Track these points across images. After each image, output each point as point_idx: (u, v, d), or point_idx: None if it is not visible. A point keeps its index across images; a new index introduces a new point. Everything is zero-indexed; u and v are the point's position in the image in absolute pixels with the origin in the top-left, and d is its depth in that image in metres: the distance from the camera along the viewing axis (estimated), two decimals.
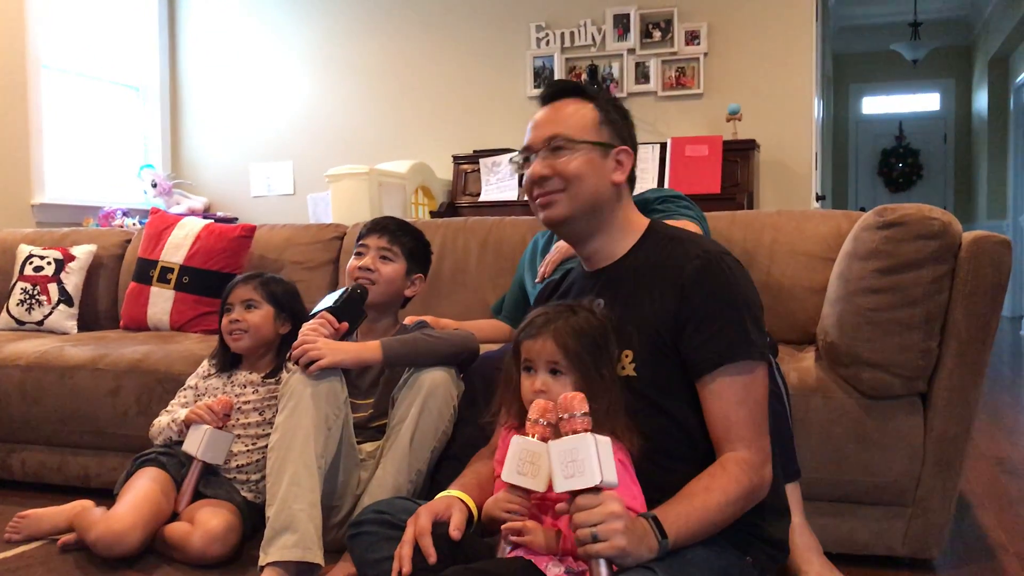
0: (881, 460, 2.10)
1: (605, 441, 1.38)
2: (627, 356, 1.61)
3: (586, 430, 1.38)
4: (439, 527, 1.55)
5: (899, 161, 10.39)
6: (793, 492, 2.03)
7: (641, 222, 1.76)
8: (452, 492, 1.65)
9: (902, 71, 9.88)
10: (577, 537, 1.36)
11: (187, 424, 2.36)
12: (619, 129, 1.74)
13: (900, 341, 2.04)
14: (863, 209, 2.52)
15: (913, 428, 2.09)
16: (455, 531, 1.54)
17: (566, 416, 1.41)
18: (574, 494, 1.37)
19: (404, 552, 1.52)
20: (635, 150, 1.76)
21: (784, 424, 2.04)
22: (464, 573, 1.43)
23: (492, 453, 1.75)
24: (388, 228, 2.41)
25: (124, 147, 6.05)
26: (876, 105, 10.61)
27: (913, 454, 2.09)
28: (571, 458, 1.36)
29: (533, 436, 1.46)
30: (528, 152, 1.74)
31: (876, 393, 2.10)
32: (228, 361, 2.52)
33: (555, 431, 1.45)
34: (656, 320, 1.60)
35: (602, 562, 1.34)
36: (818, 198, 5.46)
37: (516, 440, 1.47)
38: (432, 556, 1.50)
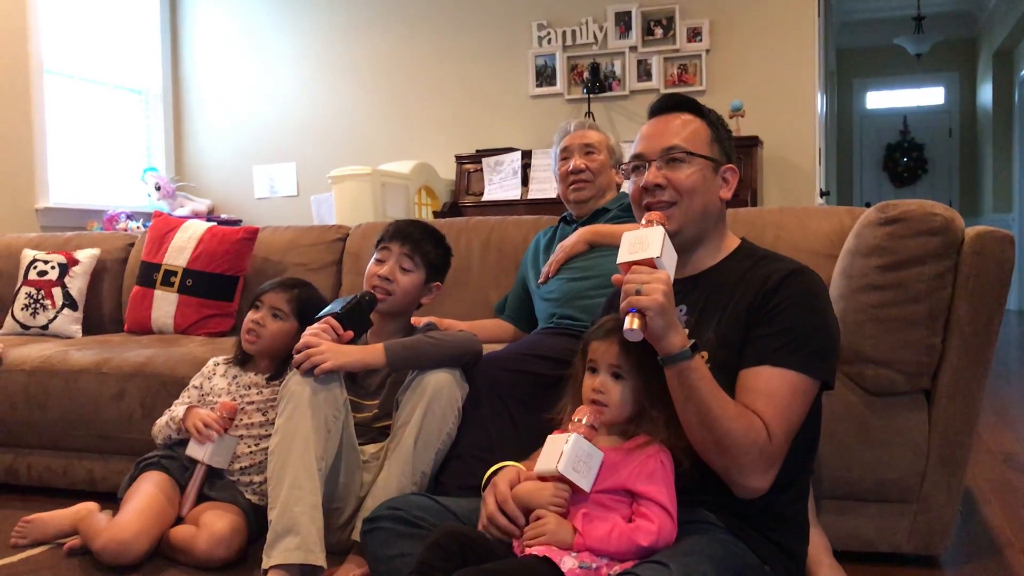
0: (885, 457, 2.09)
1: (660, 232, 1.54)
2: (703, 357, 1.62)
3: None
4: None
5: (904, 155, 10.36)
6: None
7: (734, 240, 1.81)
8: (515, 464, 1.71)
9: (906, 65, 9.85)
10: (624, 293, 1.48)
11: (187, 427, 2.35)
12: (726, 147, 1.78)
13: (903, 338, 2.04)
14: (868, 204, 2.51)
15: (917, 425, 2.08)
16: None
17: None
18: (631, 266, 1.51)
19: (500, 521, 1.59)
20: (735, 162, 1.80)
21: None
22: (476, 574, 1.44)
23: None
24: (411, 236, 2.37)
25: (127, 150, 6.06)
26: (880, 100, 10.58)
27: (917, 451, 2.08)
28: (640, 239, 1.54)
29: (579, 434, 1.54)
30: (640, 160, 1.75)
31: (880, 390, 2.09)
32: (243, 357, 2.53)
33: (595, 432, 1.56)
34: (732, 322, 1.63)
35: (636, 319, 1.46)
36: (822, 194, 5.44)
37: (575, 438, 1.53)
38: (520, 518, 1.58)
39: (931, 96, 10.38)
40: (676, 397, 1.55)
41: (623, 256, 1.54)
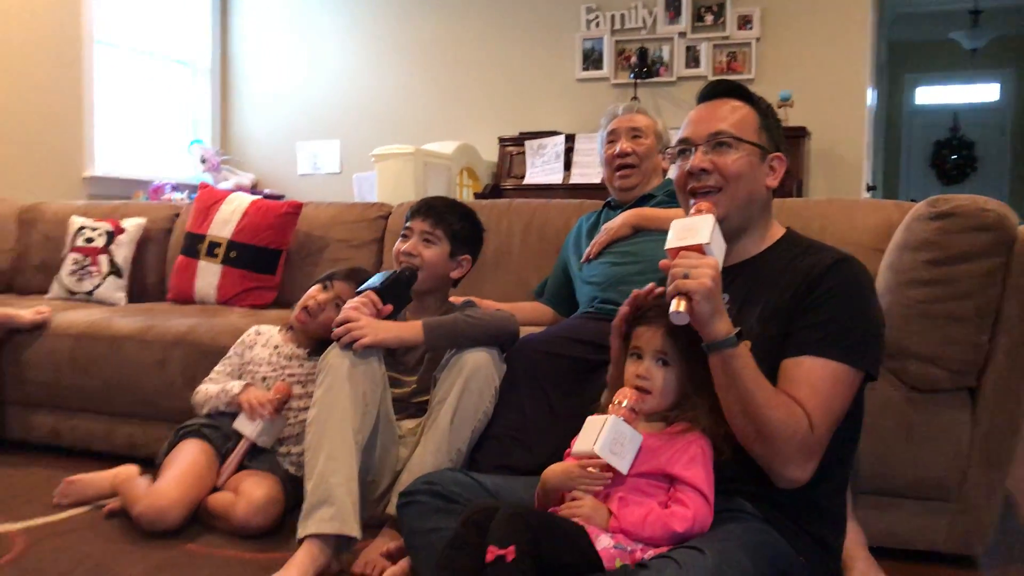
0: (926, 454, 2.07)
1: (710, 219, 1.55)
2: (745, 346, 1.61)
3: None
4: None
5: (953, 153, 10.17)
6: None
7: (779, 229, 1.78)
8: None
9: (960, 60, 9.64)
10: (671, 277, 1.49)
11: (240, 402, 2.38)
12: (775, 136, 1.76)
13: (949, 334, 2.01)
14: (914, 200, 2.47)
15: (960, 423, 2.05)
16: None
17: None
18: (679, 252, 1.52)
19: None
20: (783, 150, 1.78)
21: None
22: (524, 512, 1.46)
23: None
24: (433, 210, 2.39)
25: (174, 122, 6.13)
26: (930, 95, 10.38)
27: (959, 449, 2.05)
28: (689, 226, 1.55)
29: (617, 416, 1.53)
30: (686, 145, 1.74)
31: (923, 386, 2.06)
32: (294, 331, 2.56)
33: (636, 416, 1.55)
34: (775, 312, 1.62)
35: (683, 302, 1.46)
36: (869, 188, 5.37)
37: (613, 419, 1.52)
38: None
39: (985, 93, 10.16)
40: (719, 384, 1.54)
41: (671, 242, 1.54)
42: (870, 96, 5.35)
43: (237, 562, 2.05)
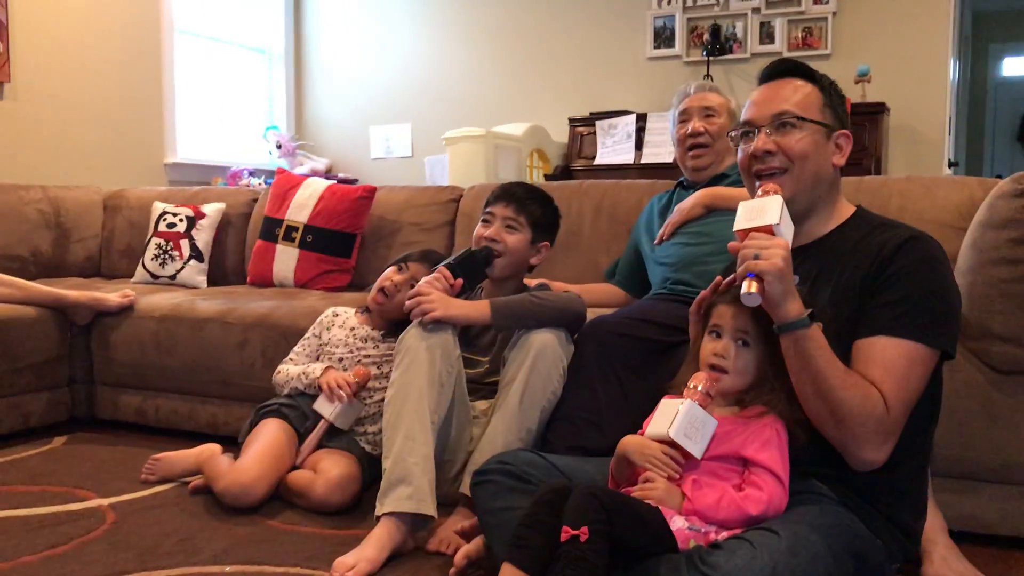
0: (1011, 438, 2.02)
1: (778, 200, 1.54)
2: (817, 328, 1.59)
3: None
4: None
5: None
6: None
7: (848, 208, 1.75)
8: None
9: None
10: (741, 258, 1.49)
11: (320, 383, 2.43)
12: (839, 113, 1.73)
13: None
14: (999, 177, 2.40)
15: None
16: None
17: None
18: (747, 233, 1.51)
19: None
20: (848, 127, 1.74)
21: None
22: (598, 492, 1.46)
23: None
24: (515, 197, 2.38)
25: (250, 109, 6.25)
26: (1018, 67, 10.00)
27: None
28: (758, 207, 1.54)
29: (693, 401, 1.53)
30: (749, 127, 1.72)
31: (1007, 368, 2.01)
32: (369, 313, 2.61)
33: (710, 400, 1.55)
34: (850, 288, 1.60)
35: (754, 283, 1.45)
36: (950, 165, 5.21)
37: (688, 404, 1.52)
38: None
39: None
40: (791, 367, 1.52)
41: (740, 223, 1.54)
42: (952, 69, 5.18)
43: (317, 538, 2.10)
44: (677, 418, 1.51)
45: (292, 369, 2.54)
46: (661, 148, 4.92)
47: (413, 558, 1.98)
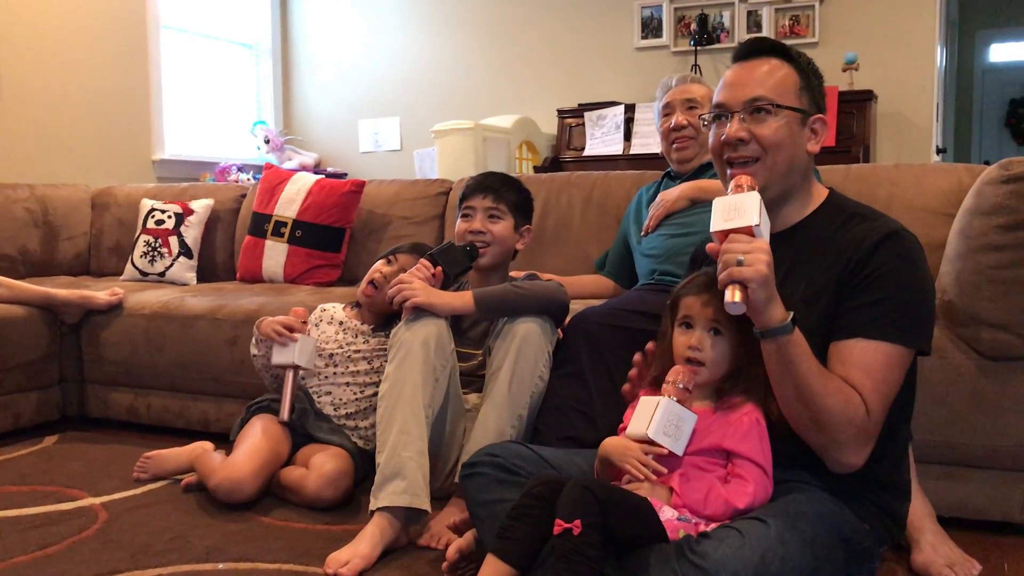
0: (999, 423, 2.03)
1: (756, 197, 1.48)
2: (799, 333, 1.58)
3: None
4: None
5: None
6: None
7: (820, 192, 1.71)
8: None
9: None
10: (723, 263, 1.42)
11: (264, 333, 2.45)
12: (816, 96, 1.66)
13: (1023, 300, 1.96)
14: (987, 163, 2.41)
15: None
16: None
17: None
18: (727, 235, 1.45)
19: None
20: (825, 111, 1.69)
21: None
22: (592, 485, 1.46)
23: None
24: (491, 186, 2.40)
25: (238, 104, 6.23)
26: (1005, 52, 10.01)
27: None
28: (735, 205, 1.47)
29: (669, 397, 1.51)
30: (722, 111, 1.66)
31: (995, 354, 2.02)
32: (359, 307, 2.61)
33: (689, 394, 1.52)
34: (824, 287, 1.57)
35: (738, 291, 1.40)
36: (939, 151, 5.22)
37: (666, 402, 1.51)
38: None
39: None
40: (772, 372, 1.50)
41: (717, 224, 1.47)
42: (939, 55, 5.19)
43: (310, 534, 2.10)
44: (655, 417, 1.50)
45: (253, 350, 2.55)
46: (650, 139, 4.92)
47: (407, 553, 1.98)
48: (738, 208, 1.46)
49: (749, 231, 1.44)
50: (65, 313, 3.13)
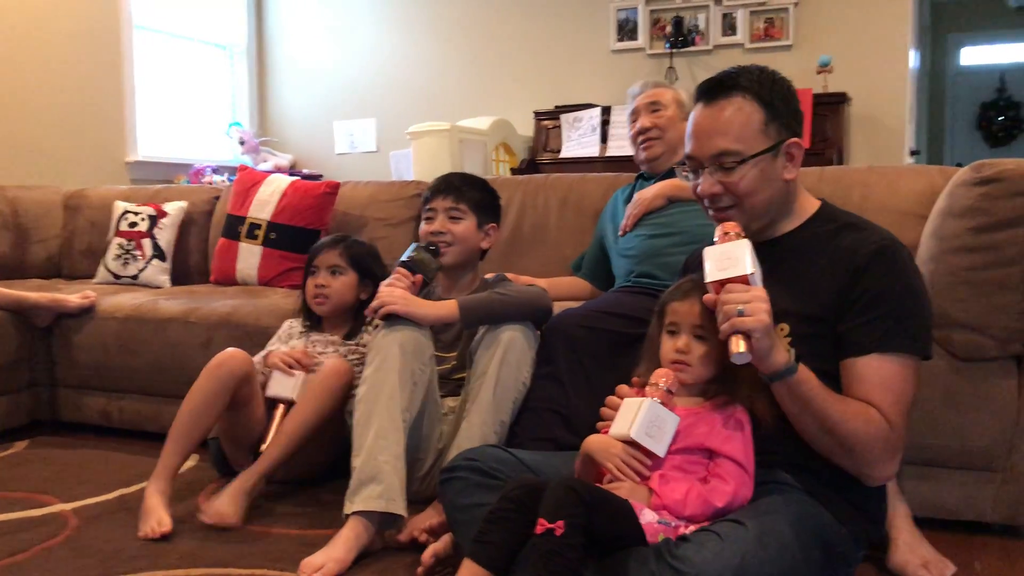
0: (972, 424, 2.04)
1: (746, 244, 1.50)
2: (782, 330, 1.61)
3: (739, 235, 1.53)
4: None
5: (999, 115, 9.93)
6: None
7: (811, 204, 1.74)
8: None
9: (1005, 19, 9.40)
10: (723, 314, 1.44)
11: (271, 364, 2.42)
12: (786, 120, 1.66)
13: (995, 302, 1.98)
14: (960, 165, 2.43)
15: (1007, 391, 2.02)
16: None
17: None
18: (722, 284, 1.47)
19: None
20: (800, 127, 1.69)
21: None
22: (576, 486, 1.46)
23: None
24: (452, 186, 2.40)
25: (212, 105, 6.18)
26: (976, 56, 10.13)
27: (1006, 418, 2.02)
28: (726, 254, 1.49)
29: (653, 399, 1.53)
30: (694, 164, 1.69)
31: (968, 355, 2.04)
32: (314, 320, 2.59)
33: (672, 397, 1.53)
34: (821, 299, 1.60)
35: (742, 341, 1.42)
36: (912, 153, 5.27)
37: (649, 403, 1.52)
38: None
39: None
40: (790, 410, 1.53)
41: (713, 275, 1.49)
42: (912, 58, 5.24)
43: (284, 539, 2.08)
44: (638, 418, 1.50)
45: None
46: (626, 141, 4.89)
47: (382, 557, 1.96)
48: (730, 257, 1.49)
49: (745, 280, 1.46)
50: (36, 316, 3.09)
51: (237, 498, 2.14)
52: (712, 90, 1.67)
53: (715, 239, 1.56)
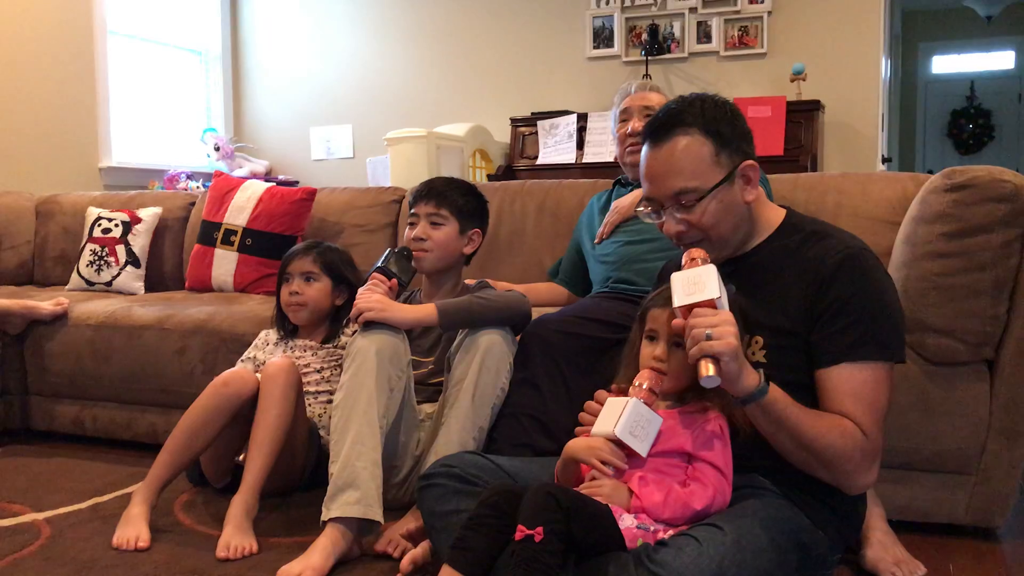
0: (945, 427, 2.06)
1: (712, 270, 1.51)
2: (757, 342, 1.63)
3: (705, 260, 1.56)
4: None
5: (969, 122, 10.06)
6: None
7: (777, 215, 1.75)
8: None
9: (975, 29, 9.53)
10: (692, 339, 1.45)
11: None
12: (734, 143, 1.66)
13: (967, 307, 2.00)
14: (931, 172, 2.46)
15: (978, 396, 2.05)
16: None
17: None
18: (690, 309, 1.48)
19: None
20: (751, 145, 1.70)
21: None
22: (556, 491, 1.46)
23: None
24: (434, 191, 2.40)
25: (187, 111, 6.14)
26: (946, 64, 10.27)
27: (978, 422, 2.05)
28: (693, 280, 1.51)
29: (638, 399, 1.53)
30: (655, 205, 1.70)
31: (941, 360, 2.06)
32: (289, 329, 2.58)
33: (655, 398, 1.55)
34: (791, 311, 1.61)
35: (711, 364, 1.43)
36: (884, 160, 5.33)
37: (633, 402, 1.52)
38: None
39: (1000, 61, 10.02)
40: (764, 430, 1.55)
41: (680, 299, 1.51)
42: (884, 67, 5.29)
43: (262, 546, 2.06)
44: (622, 417, 1.51)
45: None
46: (602, 148, 4.96)
47: (359, 564, 1.96)
48: (696, 283, 1.50)
49: (712, 304, 1.47)
50: (8, 324, 3.06)
51: (243, 525, 2.07)
52: (657, 131, 1.68)
53: (682, 264, 1.58)
